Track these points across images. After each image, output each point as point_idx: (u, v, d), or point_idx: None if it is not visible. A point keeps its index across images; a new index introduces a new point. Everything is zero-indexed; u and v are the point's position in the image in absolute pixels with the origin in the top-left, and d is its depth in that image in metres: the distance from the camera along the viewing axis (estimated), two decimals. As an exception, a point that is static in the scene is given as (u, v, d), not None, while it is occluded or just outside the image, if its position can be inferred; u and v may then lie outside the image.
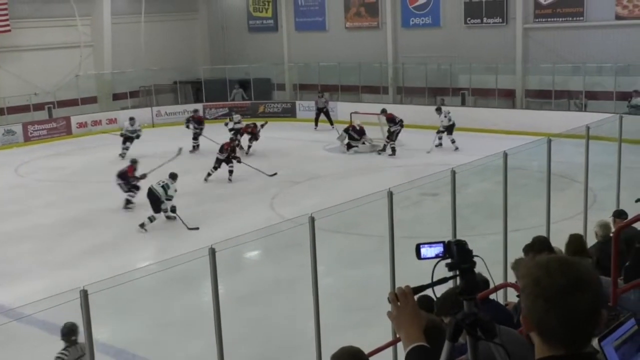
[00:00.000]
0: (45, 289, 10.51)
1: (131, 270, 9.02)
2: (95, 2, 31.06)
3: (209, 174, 20.15)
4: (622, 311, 4.80)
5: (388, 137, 23.11)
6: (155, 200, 16.12)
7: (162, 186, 16.25)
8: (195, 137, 24.56)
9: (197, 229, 15.57)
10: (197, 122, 24.93)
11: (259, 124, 24.11)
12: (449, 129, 23.23)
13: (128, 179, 18.02)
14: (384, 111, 24.02)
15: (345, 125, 24.38)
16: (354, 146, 23.42)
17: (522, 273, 2.06)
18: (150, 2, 32.18)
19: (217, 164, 20.21)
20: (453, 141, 22.87)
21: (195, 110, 26.69)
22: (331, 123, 27.52)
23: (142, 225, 15.78)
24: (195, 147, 24.48)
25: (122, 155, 23.02)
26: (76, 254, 14.24)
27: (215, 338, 7.02)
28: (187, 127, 25.00)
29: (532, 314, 1.98)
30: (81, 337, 7.19)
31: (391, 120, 23.38)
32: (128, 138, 23.92)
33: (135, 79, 32.10)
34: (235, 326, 9.60)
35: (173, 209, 16.16)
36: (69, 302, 5.84)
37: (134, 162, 18.54)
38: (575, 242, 7.21)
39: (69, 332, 7.79)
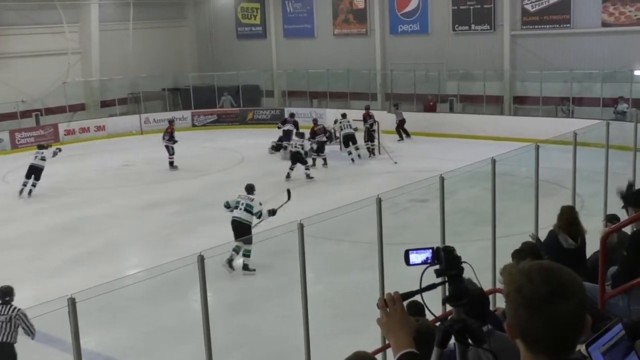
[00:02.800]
0: (34, 297, 10.45)
1: (120, 278, 8.99)
2: (83, 9, 31.01)
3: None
4: (611, 317, 4.83)
5: (370, 140, 23.44)
6: (246, 229, 13.21)
7: (245, 208, 13.51)
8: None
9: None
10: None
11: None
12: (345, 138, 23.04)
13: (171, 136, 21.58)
14: (367, 107, 24.92)
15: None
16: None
17: (505, 280, 2.06)
18: (138, 9, 32.14)
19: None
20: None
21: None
22: (407, 134, 26.48)
23: (229, 262, 12.80)
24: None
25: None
26: (65, 262, 14.18)
27: (205, 345, 7.01)
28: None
29: (516, 321, 1.97)
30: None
31: (366, 118, 23.83)
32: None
33: (124, 86, 32.05)
34: (225, 333, 9.59)
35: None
36: (56, 310, 5.82)
37: (172, 122, 22.47)
38: (567, 213, 7.34)
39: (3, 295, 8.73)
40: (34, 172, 19.79)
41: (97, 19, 31.19)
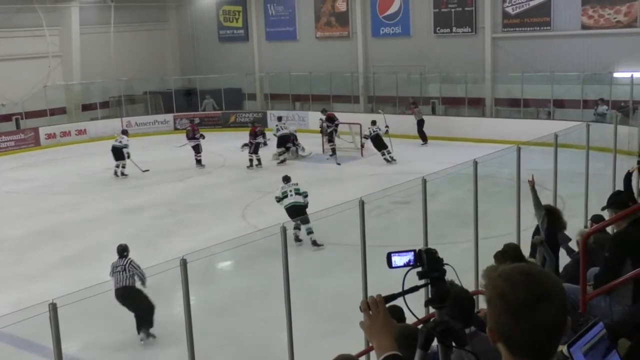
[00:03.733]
0: (14, 303, 10.37)
1: (101, 283, 8.93)
2: (64, 12, 30.79)
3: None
4: (591, 318, 4.86)
5: (330, 141, 23.67)
6: (303, 210, 14.46)
7: (296, 192, 14.90)
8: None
9: None
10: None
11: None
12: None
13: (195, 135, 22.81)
14: (324, 111, 25.18)
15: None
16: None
17: (486, 285, 2.03)
18: (119, 12, 32.00)
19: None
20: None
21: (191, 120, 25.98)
22: (424, 138, 25.67)
23: (296, 238, 14.18)
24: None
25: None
26: (45, 267, 14.06)
27: (187, 350, 6.97)
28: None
29: (498, 326, 1.97)
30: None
31: (330, 120, 23.83)
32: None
33: (105, 90, 31.89)
34: (208, 337, 9.55)
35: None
36: (37, 315, 5.77)
37: (192, 121, 24.00)
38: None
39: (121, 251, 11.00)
40: (116, 153, 22.25)
41: (78, 22, 31.00)
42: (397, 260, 2.57)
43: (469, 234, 10.13)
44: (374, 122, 23.43)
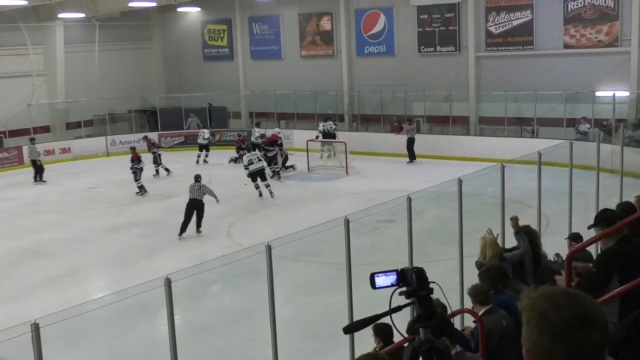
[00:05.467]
0: (-4, 323, 10.24)
1: (85, 302, 8.86)
2: (48, 31, 30.72)
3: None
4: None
5: (274, 163, 23.79)
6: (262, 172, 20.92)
7: (259, 158, 21.25)
8: (155, 161, 24.73)
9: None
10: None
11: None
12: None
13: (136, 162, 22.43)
14: (263, 136, 25.84)
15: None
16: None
17: (525, 305, 1.94)
18: (104, 31, 31.96)
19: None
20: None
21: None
22: (412, 157, 25.52)
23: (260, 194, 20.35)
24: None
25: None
26: (28, 286, 13.93)
27: (172, 369, 6.91)
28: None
29: (537, 348, 1.88)
30: None
31: (271, 144, 24.01)
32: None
33: (89, 108, 31.77)
34: (193, 357, 9.48)
35: None
36: (19, 336, 5.70)
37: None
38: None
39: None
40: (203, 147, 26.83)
41: (62, 41, 30.93)
42: (381, 280, 2.58)
43: (453, 252, 10.14)
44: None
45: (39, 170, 24.89)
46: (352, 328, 2.59)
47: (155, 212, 19.70)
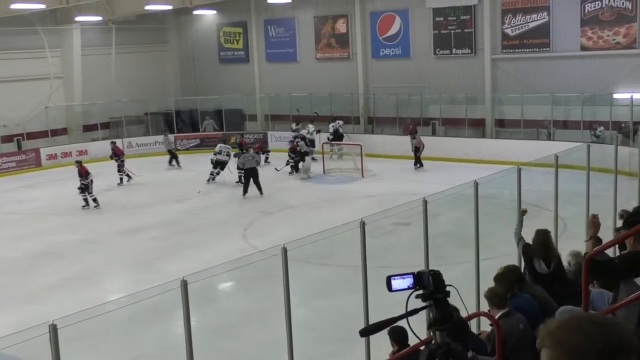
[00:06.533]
0: (13, 324, 10.32)
1: (102, 304, 8.91)
2: (66, 34, 30.95)
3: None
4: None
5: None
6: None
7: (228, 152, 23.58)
8: (119, 170, 24.39)
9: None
10: (115, 155, 24.63)
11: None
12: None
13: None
14: (239, 139, 26.59)
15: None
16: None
17: (549, 343, 1.73)
18: (120, 34, 32.15)
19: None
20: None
21: (113, 142, 25.99)
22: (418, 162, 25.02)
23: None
24: (122, 180, 24.32)
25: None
26: (45, 288, 14.03)
27: (188, 371, 6.93)
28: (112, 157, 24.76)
29: None
30: None
31: (242, 146, 24.18)
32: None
33: (106, 111, 31.97)
34: (209, 358, 9.50)
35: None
36: (38, 337, 5.74)
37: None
38: (540, 236, 7.37)
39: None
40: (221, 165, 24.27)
41: (80, 44, 31.15)
42: (397, 283, 2.57)
43: (469, 254, 10.10)
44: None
45: (174, 157, 27.35)
46: (368, 331, 2.58)
47: (171, 214, 19.77)
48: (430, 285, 2.52)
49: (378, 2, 29.66)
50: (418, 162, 24.72)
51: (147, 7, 27.75)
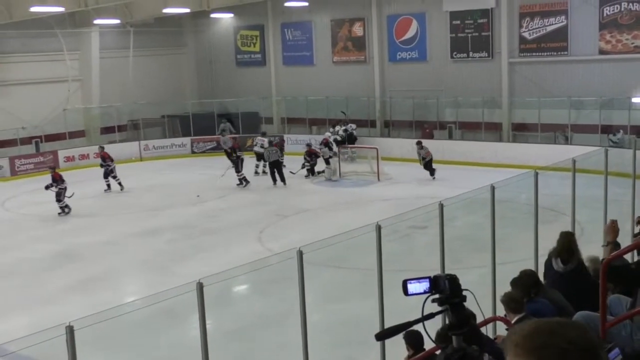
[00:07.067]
0: (31, 325, 10.38)
1: (118, 306, 8.93)
2: (84, 37, 31.17)
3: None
4: (607, 345, 4.80)
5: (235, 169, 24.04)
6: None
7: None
8: (105, 176, 23.82)
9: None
10: (104, 160, 24.02)
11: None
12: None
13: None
14: (234, 139, 26.26)
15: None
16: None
17: (527, 348, 1.78)
18: (138, 37, 32.34)
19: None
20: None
21: (101, 147, 25.29)
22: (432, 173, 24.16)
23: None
24: (109, 187, 23.86)
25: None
26: (62, 289, 14.10)
27: (203, 374, 6.94)
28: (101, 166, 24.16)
29: None
30: None
31: (234, 149, 24.26)
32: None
33: (123, 113, 32.16)
34: (223, 362, 9.50)
35: None
36: (54, 338, 5.77)
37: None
38: (563, 238, 7.34)
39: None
40: (259, 157, 25.34)
41: (98, 47, 31.37)
42: (413, 287, 2.56)
43: (485, 259, 10.05)
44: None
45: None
46: (384, 335, 2.57)
47: (188, 217, 19.82)
48: (446, 290, 2.51)
49: (395, 5, 29.64)
50: (432, 172, 23.73)
51: (165, 10, 27.89)
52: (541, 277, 7.49)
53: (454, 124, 27.90)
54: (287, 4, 30.89)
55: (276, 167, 23.85)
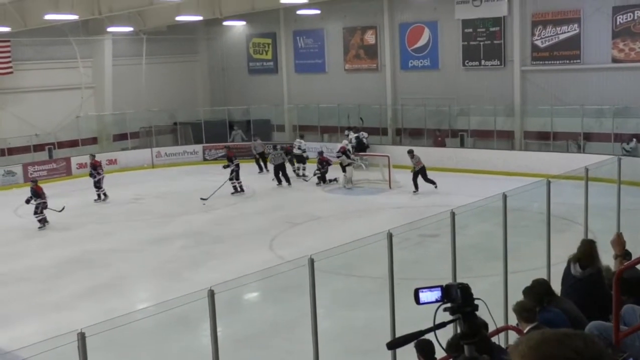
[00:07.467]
0: (42, 331, 10.42)
1: (129, 312, 8.95)
2: (97, 45, 31.37)
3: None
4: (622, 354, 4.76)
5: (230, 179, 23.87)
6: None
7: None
8: (97, 185, 23.64)
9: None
10: (94, 169, 23.86)
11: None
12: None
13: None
14: (228, 148, 26.26)
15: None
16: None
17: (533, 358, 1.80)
18: (151, 45, 32.50)
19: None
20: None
21: (92, 155, 25.01)
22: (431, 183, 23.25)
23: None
24: (101, 196, 23.69)
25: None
26: (73, 296, 14.14)
27: (213, 381, 6.93)
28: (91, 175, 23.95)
29: None
30: None
31: (229, 159, 24.08)
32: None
33: (136, 120, 32.27)
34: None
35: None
36: (66, 344, 5.78)
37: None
38: (584, 246, 7.32)
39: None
40: (299, 159, 26.45)
41: (111, 54, 31.55)
42: (425, 296, 2.55)
43: (497, 267, 10.01)
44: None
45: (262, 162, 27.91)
46: (395, 343, 2.56)
47: (199, 224, 19.86)
48: (458, 298, 2.49)
49: (407, 13, 29.65)
50: (417, 184, 22.65)
51: (178, 18, 28.00)
52: (554, 286, 7.44)
53: (466, 132, 27.83)
54: (299, 12, 30.96)
55: (281, 169, 25.07)
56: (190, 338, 11.26)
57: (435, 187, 22.66)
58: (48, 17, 24.12)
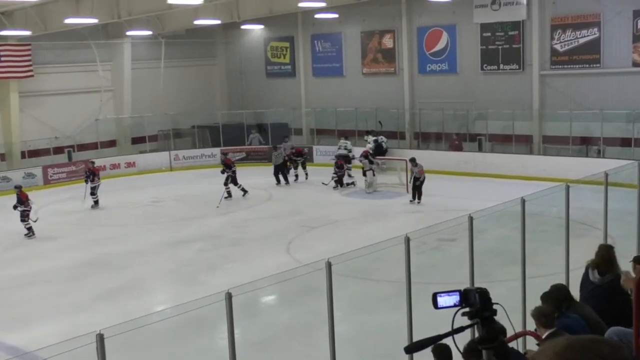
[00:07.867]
0: (60, 333, 10.48)
1: (147, 315, 8.99)
2: (116, 48, 31.59)
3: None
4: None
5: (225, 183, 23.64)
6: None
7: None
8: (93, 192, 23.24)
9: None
10: (93, 174, 23.50)
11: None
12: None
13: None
14: (225, 154, 26.80)
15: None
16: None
17: None
18: (169, 48, 32.68)
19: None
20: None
21: (92, 162, 24.79)
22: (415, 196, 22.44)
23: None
24: (96, 203, 23.22)
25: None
26: (91, 298, 14.23)
27: (230, 384, 6.94)
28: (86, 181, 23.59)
29: None
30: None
31: (227, 165, 23.87)
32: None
33: (154, 123, 32.45)
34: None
35: None
36: (84, 346, 5.82)
37: (18, 187, 20.41)
38: (602, 251, 7.26)
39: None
40: (344, 159, 25.87)
41: (130, 58, 31.76)
42: (443, 300, 2.54)
43: (514, 272, 9.95)
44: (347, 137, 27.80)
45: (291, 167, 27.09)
46: (413, 348, 2.56)
47: (216, 227, 19.92)
48: (477, 303, 2.48)
49: (425, 17, 29.59)
50: (416, 195, 21.89)
51: (196, 22, 28.14)
52: (573, 292, 7.39)
53: (484, 136, 27.72)
54: (317, 16, 30.99)
55: (280, 169, 25.90)
56: (207, 341, 11.30)
57: (418, 202, 21.70)
58: (68, 21, 24.31)
